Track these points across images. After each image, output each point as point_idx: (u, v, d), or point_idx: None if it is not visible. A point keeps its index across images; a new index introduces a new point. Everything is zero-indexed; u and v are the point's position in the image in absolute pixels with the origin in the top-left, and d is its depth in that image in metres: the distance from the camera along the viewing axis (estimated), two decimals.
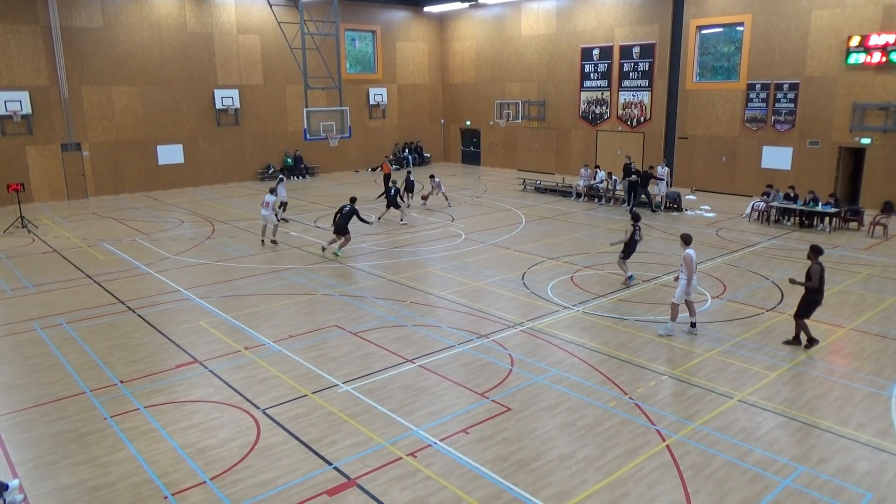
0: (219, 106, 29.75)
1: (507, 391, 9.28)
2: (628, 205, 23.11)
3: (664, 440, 7.95)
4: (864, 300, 13.20)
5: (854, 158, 23.54)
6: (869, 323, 11.94)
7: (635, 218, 14.33)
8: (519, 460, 7.57)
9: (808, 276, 10.57)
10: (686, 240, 11.43)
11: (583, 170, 26.15)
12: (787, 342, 10.89)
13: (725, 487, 7.01)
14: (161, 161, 28.91)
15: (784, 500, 6.78)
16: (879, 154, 22.46)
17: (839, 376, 9.75)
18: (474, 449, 7.80)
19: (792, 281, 10.90)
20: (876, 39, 21.76)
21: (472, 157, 37.76)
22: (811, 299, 10.62)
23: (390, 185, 21.93)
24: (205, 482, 7.21)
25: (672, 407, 8.81)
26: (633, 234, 14.17)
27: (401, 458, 7.63)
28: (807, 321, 10.76)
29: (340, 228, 16.62)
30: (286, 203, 22.03)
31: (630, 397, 9.09)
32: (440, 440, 7.99)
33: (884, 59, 21.70)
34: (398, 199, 21.25)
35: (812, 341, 10.76)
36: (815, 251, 10.64)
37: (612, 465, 7.45)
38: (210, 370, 10.15)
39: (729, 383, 9.50)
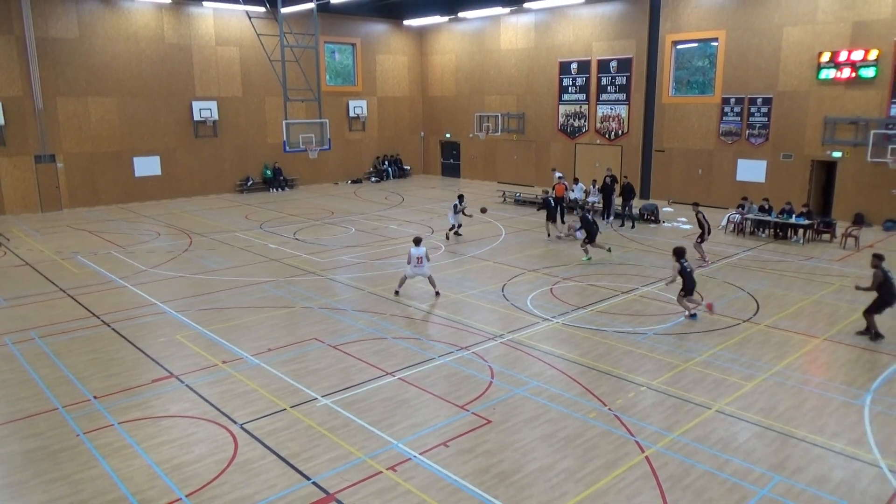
0: (197, 117, 29.54)
1: (488, 403, 9.27)
2: (606, 218, 23.31)
3: (643, 451, 7.99)
4: (838, 311, 13.42)
5: (826, 171, 24.03)
6: (842, 333, 12.14)
7: (678, 254, 12.98)
8: (499, 473, 7.55)
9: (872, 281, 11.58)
10: (416, 241, 14.29)
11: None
12: (858, 333, 11.94)
13: (704, 497, 7.06)
14: (138, 173, 28.58)
15: None
16: (850, 167, 22.95)
17: (814, 386, 9.89)
18: (454, 462, 7.77)
19: (857, 287, 11.98)
20: (845, 56, 22.31)
21: (451, 169, 37.86)
22: (881, 300, 11.54)
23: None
24: (181, 499, 7.09)
25: (651, 418, 8.86)
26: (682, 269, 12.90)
27: (381, 472, 7.57)
28: (874, 317, 11.73)
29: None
30: (458, 227, 20.65)
31: (609, 409, 9.13)
32: (420, 453, 7.95)
33: (853, 74, 22.24)
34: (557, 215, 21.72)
35: (878, 335, 11.65)
36: (877, 257, 11.63)
37: (592, 476, 7.47)
38: (187, 385, 10.01)
39: (706, 394, 9.59)
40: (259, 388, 9.83)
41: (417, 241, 14.30)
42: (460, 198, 20.68)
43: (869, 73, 21.94)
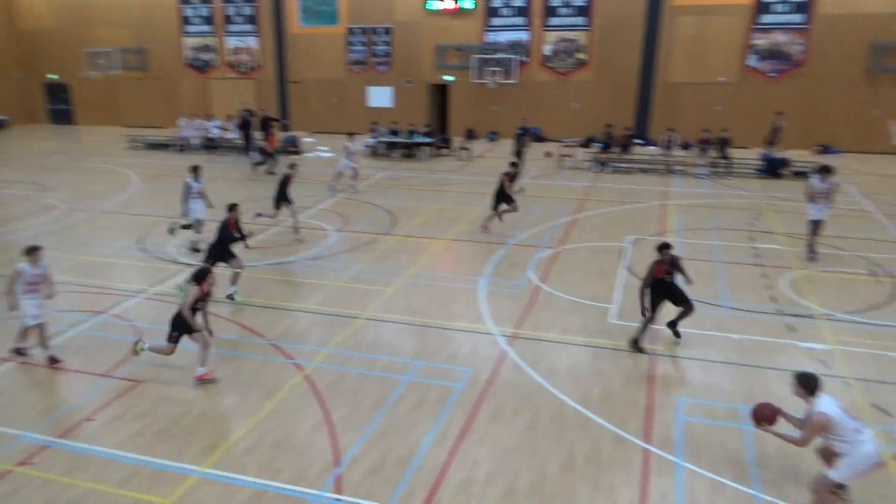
0: None
1: (137, 365, 8.55)
2: (247, 153, 22.76)
3: (302, 370, 8.33)
4: (458, 214, 15.54)
5: (441, 94, 27.07)
6: (462, 232, 14.13)
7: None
8: (158, 430, 7.11)
9: None
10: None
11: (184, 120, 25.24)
12: None
13: (359, 396, 7.71)
14: None
15: (408, 393, 7.78)
16: (460, 89, 26.22)
17: (443, 280, 11.40)
18: (103, 433, 7.06)
19: None
20: None
21: (63, 115, 32.61)
22: None
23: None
24: None
25: (307, 339, 9.23)
26: None
27: (11, 471, 6.51)
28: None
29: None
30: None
31: (267, 340, 9.22)
32: (57, 437, 7.02)
33: (456, 6, 25.06)
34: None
35: None
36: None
37: (254, 406, 7.53)
38: None
39: (355, 305, 10.32)
40: None
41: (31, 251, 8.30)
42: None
43: (468, 4, 24.96)
